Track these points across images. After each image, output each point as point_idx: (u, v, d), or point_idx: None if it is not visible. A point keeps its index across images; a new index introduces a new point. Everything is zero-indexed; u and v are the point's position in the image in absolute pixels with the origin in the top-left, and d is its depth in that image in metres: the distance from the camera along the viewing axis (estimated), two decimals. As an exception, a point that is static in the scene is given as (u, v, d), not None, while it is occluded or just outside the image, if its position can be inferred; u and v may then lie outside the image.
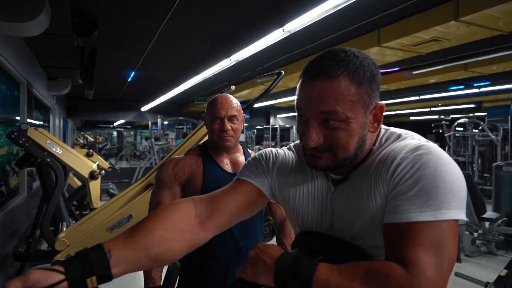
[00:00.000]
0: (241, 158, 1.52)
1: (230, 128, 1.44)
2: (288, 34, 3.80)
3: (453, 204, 0.68)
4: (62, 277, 0.70)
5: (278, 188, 0.92)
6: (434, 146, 0.74)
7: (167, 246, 0.80)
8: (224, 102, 1.45)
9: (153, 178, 2.09)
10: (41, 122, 5.79)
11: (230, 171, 1.47)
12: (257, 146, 15.20)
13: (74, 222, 4.14)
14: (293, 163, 0.92)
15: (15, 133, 2.71)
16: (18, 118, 3.96)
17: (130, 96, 10.52)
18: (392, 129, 0.85)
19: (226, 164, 1.48)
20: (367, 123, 0.77)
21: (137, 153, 17.34)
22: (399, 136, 0.82)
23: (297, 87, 0.79)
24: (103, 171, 3.15)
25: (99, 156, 4.59)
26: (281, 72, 1.84)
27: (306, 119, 0.77)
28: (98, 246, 0.75)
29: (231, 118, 1.45)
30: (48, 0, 2.56)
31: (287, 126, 14.88)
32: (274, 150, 0.97)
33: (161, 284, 1.32)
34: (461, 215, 0.69)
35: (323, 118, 0.75)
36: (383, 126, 0.85)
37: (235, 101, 1.48)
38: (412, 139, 0.80)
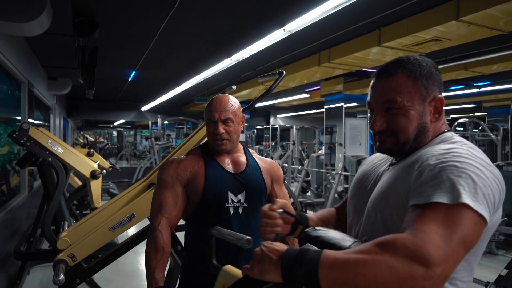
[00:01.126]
0: (242, 158, 1.52)
1: (223, 131, 1.43)
2: (288, 34, 3.81)
3: (474, 196, 0.70)
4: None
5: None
6: (465, 152, 0.78)
7: None
8: (218, 105, 1.44)
9: (155, 177, 2.10)
10: (42, 122, 5.80)
11: (232, 171, 1.47)
12: (257, 146, 15.22)
13: (75, 221, 4.15)
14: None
15: (17, 133, 2.72)
16: (18, 117, 3.97)
17: (131, 96, 10.52)
18: (455, 136, 0.90)
19: (228, 164, 1.48)
20: (426, 112, 0.89)
21: (137, 153, 17.35)
22: (448, 140, 0.89)
23: (369, 87, 0.94)
24: (104, 171, 3.16)
25: (99, 156, 4.60)
26: (282, 72, 1.84)
27: (373, 110, 0.92)
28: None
29: (226, 121, 1.43)
30: (49, -1, 2.57)
31: (287, 126, 14.88)
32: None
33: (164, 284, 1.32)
34: (481, 209, 0.70)
35: (385, 107, 0.89)
36: (454, 134, 0.91)
37: (231, 103, 1.45)
38: (453, 143, 0.86)
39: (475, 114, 11.73)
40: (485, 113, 9.49)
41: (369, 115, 0.96)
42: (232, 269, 0.94)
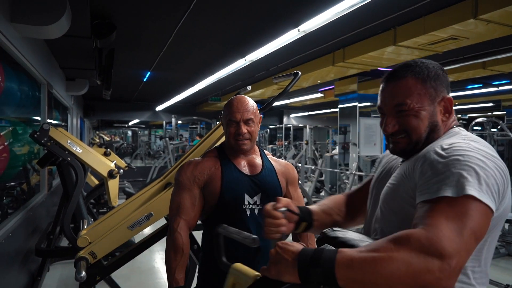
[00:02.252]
0: (258, 160, 1.54)
1: (246, 131, 1.45)
2: (303, 34, 3.80)
3: (479, 187, 0.72)
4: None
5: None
6: (466, 146, 0.80)
7: None
8: (239, 106, 1.46)
9: (171, 177, 2.13)
10: (60, 122, 5.93)
11: (248, 173, 1.49)
12: (270, 146, 15.21)
13: (92, 220, 4.23)
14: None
15: (38, 133, 2.79)
16: (38, 118, 4.07)
17: (145, 96, 10.64)
18: (462, 130, 0.93)
19: (244, 166, 1.50)
20: (436, 112, 0.91)
21: (152, 152, 17.54)
22: (454, 134, 0.91)
23: (378, 93, 0.97)
24: (122, 170, 3.22)
25: (116, 156, 4.68)
26: (298, 73, 1.85)
27: (384, 113, 0.94)
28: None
29: (247, 122, 1.46)
30: (69, 3, 2.63)
31: (300, 125, 14.83)
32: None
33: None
34: (487, 199, 0.72)
35: (396, 110, 0.92)
36: (461, 129, 0.93)
37: (251, 104, 1.48)
38: (457, 137, 0.87)
39: (494, 113, 11.48)
40: (504, 112, 9.27)
41: (380, 119, 0.98)
42: (242, 266, 0.94)
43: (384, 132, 0.95)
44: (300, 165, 8.08)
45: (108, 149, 4.42)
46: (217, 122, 2.19)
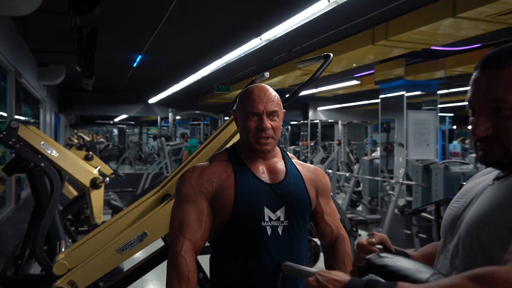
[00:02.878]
0: (280, 164, 1.54)
1: (270, 126, 1.46)
2: (335, 5, 3.78)
3: None
4: None
5: None
6: None
7: None
8: (262, 94, 1.48)
9: (170, 187, 2.14)
10: (30, 118, 6.05)
11: (268, 181, 1.49)
12: (292, 147, 15.20)
13: (71, 241, 4.30)
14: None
15: (4, 133, 2.85)
16: (3, 113, 4.16)
17: (135, 86, 10.76)
18: None
19: (262, 173, 1.51)
20: None
21: (143, 156, 17.73)
22: None
23: (470, 82, 0.94)
24: (107, 178, 3.25)
25: (99, 160, 4.74)
26: (329, 55, 1.84)
27: (475, 111, 0.91)
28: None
29: (272, 115, 1.47)
30: (42, -29, 2.68)
31: (330, 121, 14.78)
32: None
33: None
34: None
35: (492, 107, 0.88)
36: None
37: (275, 93, 1.50)
38: None
39: None
40: None
41: (470, 118, 0.95)
42: None
43: (472, 135, 0.92)
44: (330, 171, 8.04)
45: (90, 152, 4.48)
46: (225, 118, 2.18)
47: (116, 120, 19.42)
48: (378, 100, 7.10)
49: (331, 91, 10.29)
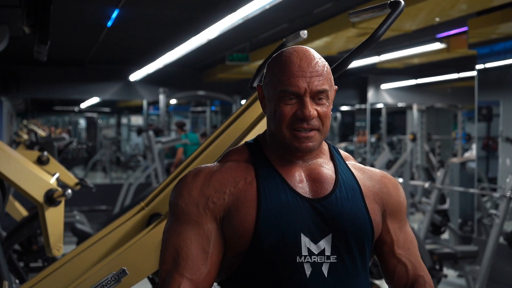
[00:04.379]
0: (328, 169, 1.52)
1: (315, 113, 1.44)
2: None
3: None
4: None
5: None
6: None
7: None
8: (305, 64, 1.45)
9: (160, 204, 2.16)
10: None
11: (308, 195, 1.47)
12: (343, 144, 15.12)
13: (17, 281, 4.36)
14: None
15: None
16: None
17: (111, 55, 10.85)
18: None
19: (300, 181, 1.49)
20: None
21: (123, 158, 17.92)
22: None
23: None
24: (69, 191, 3.28)
25: (59, 164, 4.79)
26: (400, 2, 1.84)
27: None
28: None
29: (318, 95, 1.46)
30: None
31: (400, 105, 14.64)
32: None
33: None
34: None
35: None
36: None
37: (323, 62, 1.49)
38: None
39: None
40: None
41: None
42: None
43: None
44: (401, 180, 7.98)
45: (45, 153, 4.52)
46: (242, 102, 2.16)
47: (83, 106, 19.67)
48: (474, 73, 7.01)
49: (402, 60, 10.19)
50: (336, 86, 1.55)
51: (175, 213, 1.49)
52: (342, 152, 1.62)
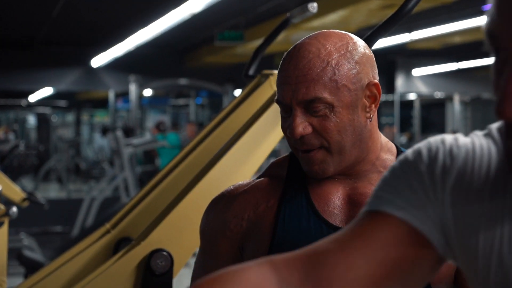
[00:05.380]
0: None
1: (308, 130, 1.47)
2: None
3: None
4: None
5: (456, 227, 1.02)
6: None
7: None
8: (292, 65, 1.47)
9: (132, 225, 2.18)
10: None
11: (338, 223, 1.51)
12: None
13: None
14: (491, 170, 1.01)
15: None
16: None
17: (67, 34, 10.86)
18: None
19: (333, 204, 1.52)
20: None
21: (83, 166, 17.90)
22: None
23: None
24: (15, 209, 3.29)
25: (1, 174, 4.80)
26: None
27: None
28: None
29: (311, 105, 1.46)
30: None
31: (437, 96, 14.66)
32: (445, 141, 1.07)
33: None
34: None
35: None
36: None
37: (321, 59, 1.47)
38: None
39: None
40: None
41: (494, 71, 0.93)
42: None
43: None
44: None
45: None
46: (236, 93, 2.15)
47: (32, 99, 19.66)
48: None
49: (440, 38, 10.22)
50: (376, 81, 1.56)
51: (200, 241, 1.61)
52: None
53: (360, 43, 1.58)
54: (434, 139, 1.07)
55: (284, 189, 1.52)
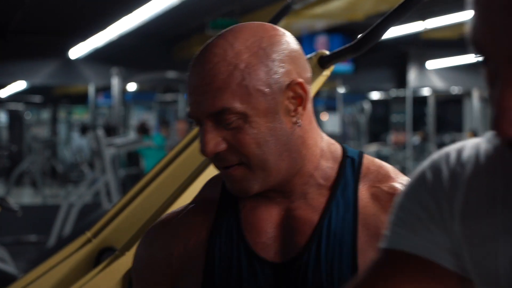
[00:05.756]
0: (313, 207, 1.48)
1: (220, 147, 1.42)
2: None
3: None
4: None
5: (469, 247, 1.03)
6: None
7: None
8: (194, 74, 1.44)
9: (115, 233, 2.17)
10: None
11: (271, 258, 1.46)
12: (374, 147, 15.13)
13: None
14: (499, 178, 1.01)
15: None
16: None
17: (42, 23, 10.90)
18: None
19: (267, 234, 1.48)
20: None
21: (60, 168, 17.94)
22: None
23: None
24: (-16, 216, 3.29)
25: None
26: None
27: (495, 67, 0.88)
28: None
29: (221, 118, 1.40)
30: None
31: (454, 92, 14.72)
32: (449, 157, 1.08)
33: None
34: None
35: None
36: None
37: (228, 61, 1.40)
38: None
39: None
40: None
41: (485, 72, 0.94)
42: None
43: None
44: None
45: None
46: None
47: (3, 94, 19.70)
48: None
49: (456, 27, 10.25)
50: (300, 80, 1.44)
51: (133, 282, 1.62)
52: (372, 166, 1.55)
53: (280, 35, 1.49)
54: (438, 156, 1.10)
55: (216, 217, 1.51)
